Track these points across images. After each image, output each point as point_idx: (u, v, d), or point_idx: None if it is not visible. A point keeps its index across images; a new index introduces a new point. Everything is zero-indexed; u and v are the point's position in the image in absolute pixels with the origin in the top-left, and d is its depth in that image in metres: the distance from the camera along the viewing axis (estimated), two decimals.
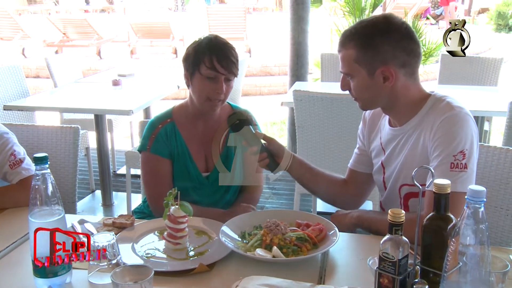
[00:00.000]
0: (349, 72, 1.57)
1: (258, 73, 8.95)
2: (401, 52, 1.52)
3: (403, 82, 1.55)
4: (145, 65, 8.76)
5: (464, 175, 1.45)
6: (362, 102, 1.63)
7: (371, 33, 1.53)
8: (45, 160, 1.27)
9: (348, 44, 1.55)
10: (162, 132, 1.89)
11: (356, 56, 1.53)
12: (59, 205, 1.30)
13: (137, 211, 2.05)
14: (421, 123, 1.57)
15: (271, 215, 1.58)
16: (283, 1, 19.96)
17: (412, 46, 1.54)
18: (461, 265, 1.03)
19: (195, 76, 1.82)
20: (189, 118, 1.93)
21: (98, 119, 3.60)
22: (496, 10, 14.87)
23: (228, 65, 1.79)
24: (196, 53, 1.81)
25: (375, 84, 1.54)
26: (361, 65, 1.53)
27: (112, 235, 1.31)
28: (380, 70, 1.52)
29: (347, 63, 1.56)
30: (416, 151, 1.57)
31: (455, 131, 1.48)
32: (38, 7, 20.39)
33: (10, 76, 3.87)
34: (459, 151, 1.46)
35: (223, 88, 1.81)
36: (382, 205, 1.78)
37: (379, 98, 1.59)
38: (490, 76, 4.13)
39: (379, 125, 1.74)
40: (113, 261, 1.30)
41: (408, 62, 1.54)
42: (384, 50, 1.51)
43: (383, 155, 1.69)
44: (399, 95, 1.56)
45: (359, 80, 1.56)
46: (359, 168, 1.82)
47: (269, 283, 1.23)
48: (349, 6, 5.80)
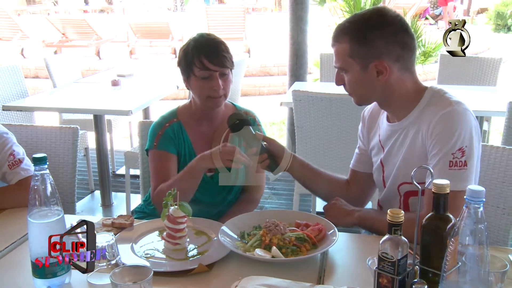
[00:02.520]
0: (343, 67, 1.56)
1: (257, 73, 8.95)
2: (395, 46, 1.51)
3: (397, 76, 1.54)
4: (144, 66, 8.78)
5: (464, 173, 1.44)
6: (356, 97, 1.62)
7: (365, 27, 1.51)
8: (44, 160, 1.27)
9: (342, 38, 1.54)
10: (169, 130, 1.90)
11: (350, 50, 1.52)
12: (58, 206, 1.29)
13: (137, 211, 2.05)
14: (419, 118, 1.56)
15: (271, 215, 1.59)
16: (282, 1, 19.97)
17: (406, 39, 1.52)
18: (460, 265, 1.03)
19: (191, 79, 1.83)
20: (194, 118, 1.93)
21: (97, 119, 3.60)
22: (495, 10, 14.87)
23: (219, 61, 1.79)
24: (186, 56, 1.82)
25: (369, 78, 1.53)
26: (355, 59, 1.52)
27: (111, 236, 1.32)
28: (374, 64, 1.51)
29: (341, 57, 1.55)
30: (415, 148, 1.56)
31: (454, 128, 1.46)
32: (37, 7, 20.38)
33: (9, 76, 3.87)
34: (458, 149, 1.45)
35: (220, 84, 1.80)
36: (380, 204, 1.77)
37: (373, 93, 1.58)
38: (489, 76, 4.14)
39: (378, 123, 1.73)
40: (112, 262, 1.30)
41: (402, 56, 1.53)
42: (378, 44, 1.50)
43: (382, 152, 1.68)
44: (394, 89, 1.55)
45: (353, 75, 1.55)
46: (360, 168, 1.82)
47: (268, 283, 1.23)
48: (349, 5, 5.80)
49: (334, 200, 1.70)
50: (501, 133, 3.12)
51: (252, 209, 1.96)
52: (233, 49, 1.92)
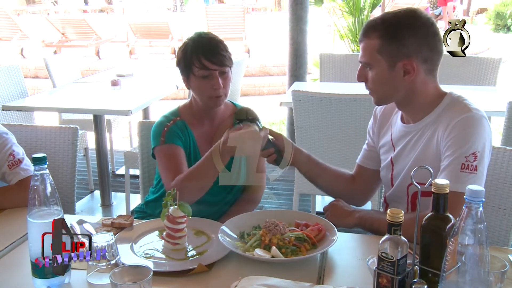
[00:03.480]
0: (369, 62, 1.55)
1: (257, 73, 8.95)
2: (425, 47, 1.52)
3: (422, 78, 1.55)
4: (144, 65, 8.78)
5: (474, 177, 1.45)
6: (377, 95, 1.61)
7: (398, 25, 1.52)
8: (44, 160, 1.27)
9: (372, 33, 1.54)
10: (174, 127, 1.89)
11: (379, 47, 1.52)
12: (58, 206, 1.30)
13: (137, 210, 2.05)
14: (436, 121, 1.56)
15: (270, 215, 1.59)
16: (282, 1, 19.96)
17: (436, 42, 1.53)
18: (459, 265, 1.03)
19: (190, 79, 1.84)
20: (196, 117, 1.93)
21: (97, 119, 3.60)
22: (494, 10, 14.88)
23: (218, 60, 1.79)
24: (185, 56, 1.82)
25: (395, 77, 1.53)
26: (383, 56, 1.52)
27: (111, 236, 1.31)
28: (402, 63, 1.51)
29: (368, 52, 1.55)
30: (429, 150, 1.56)
31: (470, 133, 1.47)
32: (37, 7, 20.36)
33: (8, 76, 3.86)
34: (471, 153, 1.45)
35: (220, 83, 1.80)
36: (387, 200, 1.77)
37: (395, 92, 1.57)
38: (488, 76, 4.13)
39: (391, 121, 1.73)
40: (112, 262, 1.30)
41: (430, 58, 1.54)
42: (410, 43, 1.50)
43: (392, 151, 1.68)
44: (417, 90, 1.56)
45: (378, 72, 1.55)
46: (367, 164, 1.82)
47: (268, 283, 1.23)
48: (348, 6, 5.80)
49: (334, 201, 1.70)
50: (500, 133, 3.12)
51: (252, 209, 1.96)
52: (232, 49, 1.92)
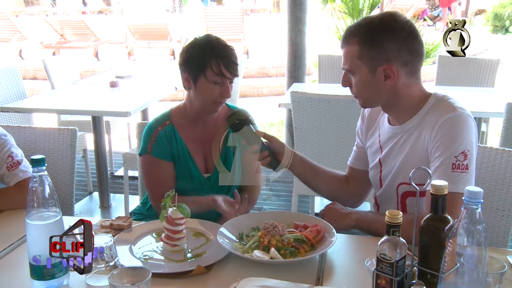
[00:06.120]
0: (351, 69, 1.56)
1: (256, 74, 8.94)
2: (404, 51, 1.52)
3: (404, 81, 1.55)
4: (142, 67, 8.75)
5: (465, 176, 1.46)
6: (362, 100, 1.63)
7: (376, 30, 1.52)
8: (42, 162, 1.27)
9: (352, 40, 1.54)
10: (161, 134, 1.89)
11: (359, 53, 1.53)
12: (57, 207, 1.29)
13: (135, 212, 2.05)
14: (422, 123, 1.57)
15: (269, 217, 1.58)
16: (281, 3, 19.95)
17: (416, 45, 1.53)
18: (458, 266, 1.03)
19: (199, 80, 1.81)
20: (188, 119, 1.93)
21: (95, 120, 3.59)
22: (492, 12, 14.90)
23: (233, 69, 1.80)
24: (200, 57, 1.79)
25: (376, 81, 1.54)
26: (364, 62, 1.53)
27: (109, 237, 1.32)
28: (382, 68, 1.52)
29: (349, 59, 1.55)
30: (416, 151, 1.57)
31: (457, 132, 1.48)
32: (35, 8, 20.34)
33: (7, 77, 3.86)
34: (461, 152, 1.46)
35: (229, 91, 1.81)
36: (377, 200, 1.78)
37: (379, 96, 1.58)
38: (487, 77, 4.14)
39: (378, 122, 1.74)
40: (110, 263, 1.30)
41: (411, 61, 1.54)
42: (388, 48, 1.51)
43: (380, 153, 1.69)
44: (400, 93, 1.56)
45: (360, 77, 1.55)
46: (358, 166, 1.82)
47: (267, 285, 1.23)
48: (347, 7, 5.81)
49: (330, 204, 1.70)
50: (499, 134, 3.12)
51: (249, 209, 1.96)
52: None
